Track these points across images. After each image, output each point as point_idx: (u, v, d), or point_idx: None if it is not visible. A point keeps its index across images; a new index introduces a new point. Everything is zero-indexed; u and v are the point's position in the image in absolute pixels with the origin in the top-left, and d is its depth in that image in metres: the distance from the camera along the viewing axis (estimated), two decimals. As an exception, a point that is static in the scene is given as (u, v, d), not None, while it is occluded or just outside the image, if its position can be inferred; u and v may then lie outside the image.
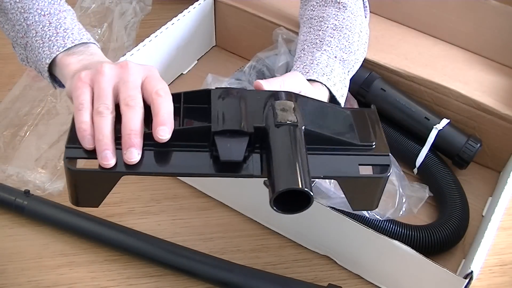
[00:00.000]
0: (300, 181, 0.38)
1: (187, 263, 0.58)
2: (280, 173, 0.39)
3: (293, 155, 0.40)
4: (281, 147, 0.40)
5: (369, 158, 0.44)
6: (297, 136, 0.41)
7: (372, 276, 0.60)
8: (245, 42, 0.83)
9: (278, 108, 0.43)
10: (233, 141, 0.41)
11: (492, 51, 0.74)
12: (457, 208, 0.62)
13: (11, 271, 0.60)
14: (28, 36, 0.54)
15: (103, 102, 0.43)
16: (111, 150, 0.41)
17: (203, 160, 0.42)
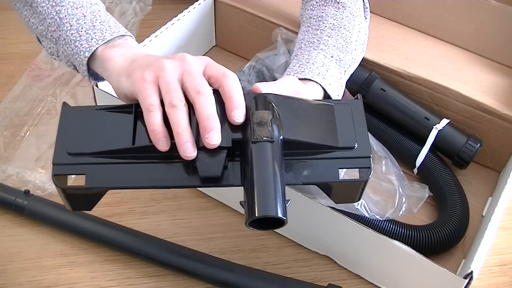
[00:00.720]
0: (274, 209, 0.39)
1: (187, 263, 0.58)
2: (256, 199, 0.39)
3: (269, 179, 0.40)
4: (257, 168, 0.41)
5: (349, 161, 0.44)
6: (273, 154, 0.41)
7: (372, 276, 0.60)
8: (245, 42, 0.83)
9: (255, 121, 0.42)
10: (212, 156, 0.41)
11: (492, 51, 0.74)
12: (457, 208, 0.62)
13: (11, 271, 0.60)
14: (62, 29, 0.52)
15: (175, 95, 0.43)
16: (191, 142, 0.41)
17: (183, 172, 0.43)
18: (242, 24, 0.81)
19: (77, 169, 0.43)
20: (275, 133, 0.42)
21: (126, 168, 0.43)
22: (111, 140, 0.44)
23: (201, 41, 0.84)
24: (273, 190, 0.40)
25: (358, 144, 0.44)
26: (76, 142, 0.44)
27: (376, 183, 0.62)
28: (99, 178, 0.42)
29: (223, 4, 0.81)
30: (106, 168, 0.43)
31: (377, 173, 0.63)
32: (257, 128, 0.42)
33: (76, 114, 0.46)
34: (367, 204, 0.58)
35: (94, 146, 0.43)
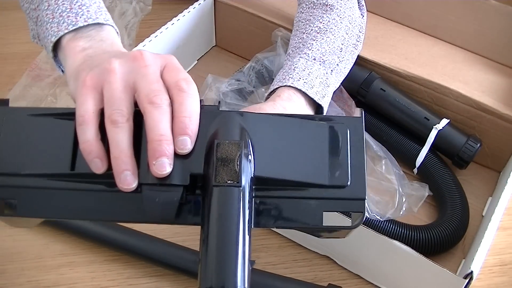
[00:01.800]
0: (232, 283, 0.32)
1: (187, 263, 0.58)
2: (212, 265, 0.33)
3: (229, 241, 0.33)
4: (216, 224, 0.34)
5: (338, 203, 0.36)
6: (238, 204, 0.34)
7: (372, 276, 0.60)
8: (245, 42, 0.83)
9: (219, 157, 0.35)
10: (164, 195, 0.34)
11: (492, 51, 0.74)
12: (457, 208, 0.62)
13: (11, 271, 0.60)
14: (40, 8, 0.46)
15: (116, 108, 0.35)
16: (131, 171, 0.34)
17: (134, 204, 0.36)
18: (242, 24, 0.81)
19: (6, 192, 0.36)
20: (244, 174, 0.34)
21: (65, 196, 0.36)
22: (49, 158, 0.36)
23: (201, 41, 0.84)
24: (234, 253, 0.33)
25: (352, 181, 0.36)
26: (6, 158, 0.37)
27: (376, 183, 0.62)
28: (33, 207, 0.36)
29: (223, 4, 0.81)
30: (41, 194, 0.36)
31: (377, 173, 0.63)
32: (220, 168, 0.34)
33: (9, 119, 0.38)
34: (367, 204, 0.58)
35: (27, 165, 0.36)
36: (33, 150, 0.37)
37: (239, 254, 0.33)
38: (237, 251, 0.33)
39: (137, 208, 0.36)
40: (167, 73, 0.37)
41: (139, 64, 0.37)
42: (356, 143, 0.37)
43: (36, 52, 0.82)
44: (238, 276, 0.33)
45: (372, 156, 0.66)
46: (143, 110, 0.35)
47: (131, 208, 0.36)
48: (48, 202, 0.36)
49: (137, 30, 0.82)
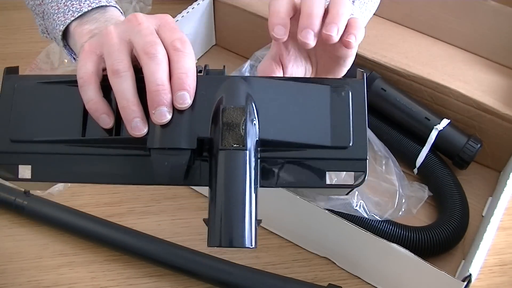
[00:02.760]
0: (241, 239, 0.34)
1: (187, 263, 0.58)
2: (221, 224, 0.34)
3: (237, 200, 0.35)
4: (224, 185, 0.35)
5: (340, 163, 0.37)
6: (244, 166, 0.35)
7: (372, 278, 0.60)
8: (245, 41, 0.83)
9: (225, 122, 0.36)
10: (172, 160, 0.36)
11: (491, 52, 0.74)
12: (457, 209, 0.62)
13: (11, 271, 0.60)
14: (45, 2, 0.48)
15: (116, 58, 0.36)
16: (140, 117, 0.35)
17: (144, 167, 0.37)
18: (242, 24, 0.81)
19: (22, 159, 0.37)
20: (249, 138, 0.36)
21: (77, 160, 0.38)
22: (60, 125, 0.38)
23: (201, 40, 0.84)
24: (242, 213, 0.34)
25: (354, 142, 0.37)
26: (20, 125, 0.38)
27: (376, 183, 0.62)
28: (47, 171, 0.37)
29: (222, 4, 0.81)
30: (54, 159, 0.38)
31: (377, 173, 0.63)
32: (226, 132, 0.36)
33: (20, 87, 0.39)
34: (366, 204, 0.58)
35: (40, 132, 0.38)
36: (44, 117, 0.38)
37: (246, 213, 0.34)
38: (244, 210, 0.34)
39: (147, 171, 0.37)
40: (162, 32, 0.38)
41: (133, 23, 0.38)
42: (358, 105, 0.38)
43: (36, 52, 0.82)
44: (245, 234, 0.34)
45: (373, 156, 0.66)
46: (141, 63, 0.36)
47: (141, 171, 0.37)
48: (61, 167, 0.38)
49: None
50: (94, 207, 0.65)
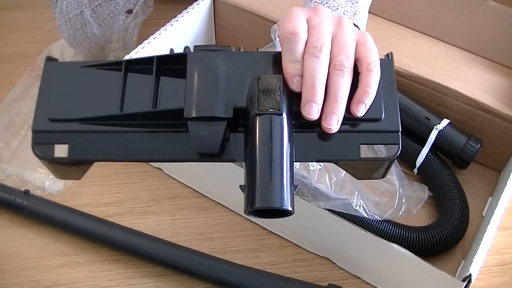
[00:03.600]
0: (279, 200, 0.34)
1: (187, 263, 0.58)
2: (258, 186, 0.35)
3: (274, 162, 0.35)
4: (260, 148, 0.35)
5: (374, 136, 0.38)
6: (281, 130, 0.36)
7: (372, 278, 0.60)
8: (245, 40, 0.83)
9: (260, 89, 0.37)
10: (209, 129, 0.36)
11: (491, 52, 0.74)
12: (457, 209, 0.62)
13: (11, 271, 0.60)
14: None
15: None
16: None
17: (180, 143, 0.38)
18: (242, 23, 0.81)
19: (59, 137, 0.38)
20: (284, 103, 0.37)
21: (114, 138, 0.38)
22: (98, 104, 0.39)
23: (201, 40, 0.84)
24: (279, 175, 0.35)
25: (386, 115, 0.38)
26: (58, 106, 0.39)
27: (376, 183, 0.62)
28: (84, 149, 0.38)
29: (222, 4, 0.81)
30: (91, 137, 0.38)
31: (377, 173, 0.63)
32: (262, 98, 0.37)
33: (60, 71, 0.40)
34: (366, 204, 0.58)
35: (78, 111, 0.38)
36: (83, 98, 0.39)
37: (284, 177, 0.35)
38: (282, 174, 0.35)
39: (183, 147, 0.37)
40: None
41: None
42: (388, 79, 0.39)
43: (36, 52, 0.82)
44: (283, 197, 0.34)
45: (374, 156, 0.65)
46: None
47: (178, 147, 0.38)
48: (97, 145, 0.38)
49: (139, 31, 0.82)
50: (94, 207, 0.65)
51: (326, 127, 0.37)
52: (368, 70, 0.38)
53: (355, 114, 0.38)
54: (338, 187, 0.59)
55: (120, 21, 0.73)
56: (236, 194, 0.40)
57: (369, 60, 0.39)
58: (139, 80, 0.40)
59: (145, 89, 0.39)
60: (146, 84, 0.39)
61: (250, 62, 0.39)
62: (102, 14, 0.71)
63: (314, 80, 0.37)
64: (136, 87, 0.39)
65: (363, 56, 0.39)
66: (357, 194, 0.58)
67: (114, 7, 0.71)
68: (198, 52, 0.39)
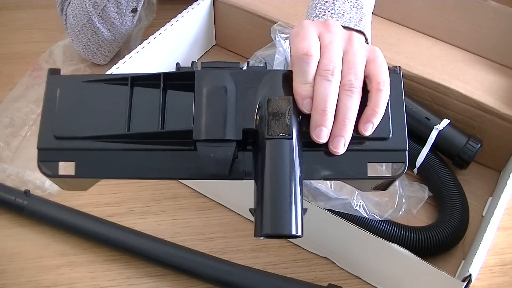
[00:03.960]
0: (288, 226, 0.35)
1: (187, 263, 0.58)
2: (268, 212, 0.35)
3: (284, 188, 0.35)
4: (271, 173, 0.36)
5: (381, 155, 0.38)
6: (290, 154, 0.36)
7: (371, 278, 0.60)
8: (245, 40, 0.83)
9: (270, 112, 0.37)
10: (218, 151, 0.36)
11: (491, 52, 0.74)
12: (457, 209, 0.62)
13: (11, 271, 0.60)
14: None
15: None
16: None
17: (188, 162, 0.38)
18: (242, 23, 0.81)
19: (65, 155, 0.38)
20: (294, 126, 0.37)
21: (121, 156, 0.38)
22: (104, 121, 0.38)
23: (201, 40, 0.84)
24: (288, 202, 0.35)
25: (394, 134, 0.38)
26: (64, 123, 0.38)
27: (376, 183, 0.62)
28: (90, 167, 0.38)
29: (222, 4, 0.81)
30: (98, 155, 0.38)
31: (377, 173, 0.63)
32: (272, 122, 0.37)
33: (64, 85, 0.39)
34: (366, 204, 0.58)
35: (84, 128, 0.38)
36: (88, 114, 0.39)
37: (293, 202, 0.35)
38: (291, 199, 0.35)
39: (191, 166, 0.38)
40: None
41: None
42: (396, 97, 0.39)
43: (36, 52, 0.82)
44: (292, 223, 0.35)
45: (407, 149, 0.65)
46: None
47: (185, 166, 0.38)
48: (105, 163, 0.38)
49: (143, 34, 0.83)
50: (94, 207, 0.65)
51: (333, 150, 0.38)
52: (378, 90, 0.38)
53: (363, 134, 0.38)
54: (338, 187, 0.59)
55: (128, 22, 0.74)
56: (236, 194, 0.40)
57: (379, 78, 0.39)
58: (145, 96, 0.39)
59: (151, 106, 0.39)
60: (153, 100, 0.39)
61: (258, 81, 0.39)
62: (109, 18, 0.72)
63: (325, 104, 0.37)
64: (143, 104, 0.39)
65: (373, 74, 0.39)
66: (357, 194, 0.58)
67: (118, 7, 0.72)
68: (206, 70, 0.39)
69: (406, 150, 0.38)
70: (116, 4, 0.72)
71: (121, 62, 0.66)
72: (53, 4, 0.80)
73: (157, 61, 0.74)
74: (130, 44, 0.82)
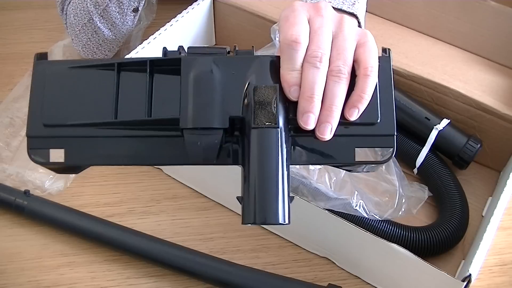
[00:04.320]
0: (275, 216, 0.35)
1: (187, 263, 0.58)
2: (255, 201, 0.35)
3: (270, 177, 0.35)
4: (257, 162, 0.36)
5: (369, 140, 0.38)
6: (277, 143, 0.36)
7: (371, 278, 0.60)
8: (244, 40, 0.83)
9: (257, 101, 0.37)
10: (205, 139, 0.36)
11: (491, 52, 0.74)
12: (457, 209, 0.62)
13: (11, 271, 0.60)
14: None
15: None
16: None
17: (176, 148, 0.38)
18: (242, 23, 0.81)
19: (55, 142, 0.38)
20: (280, 116, 0.37)
21: (110, 142, 0.38)
22: (92, 108, 0.39)
23: (201, 40, 0.84)
24: (275, 191, 0.35)
25: (382, 118, 0.38)
26: (52, 110, 0.38)
27: (376, 183, 0.62)
28: (80, 154, 0.38)
29: (222, 4, 0.81)
30: (87, 142, 0.38)
31: (377, 173, 0.63)
32: (258, 111, 0.37)
33: (51, 71, 0.39)
34: (366, 204, 0.58)
35: (72, 116, 0.38)
36: (76, 101, 0.39)
37: (279, 191, 0.35)
38: (277, 188, 0.35)
39: (179, 152, 0.38)
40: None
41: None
42: (385, 81, 0.39)
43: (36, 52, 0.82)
44: (279, 211, 0.35)
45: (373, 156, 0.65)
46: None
47: (173, 152, 0.38)
48: (94, 150, 0.38)
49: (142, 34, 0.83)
50: (94, 207, 0.65)
51: (320, 136, 0.38)
52: (365, 75, 0.38)
53: (348, 119, 0.38)
54: (338, 187, 0.59)
55: (129, 22, 0.74)
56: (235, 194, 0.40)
57: (367, 64, 0.38)
58: (132, 82, 0.39)
59: (138, 92, 0.39)
60: (140, 86, 0.39)
61: (245, 68, 0.39)
62: (110, 18, 0.72)
63: (312, 91, 0.37)
64: (130, 90, 0.39)
65: (361, 59, 0.39)
66: (357, 194, 0.58)
67: (120, 7, 0.72)
68: (192, 56, 0.39)
69: (394, 135, 0.38)
70: (118, 4, 0.71)
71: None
72: (53, 4, 0.80)
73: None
74: (130, 44, 0.82)
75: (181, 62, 0.38)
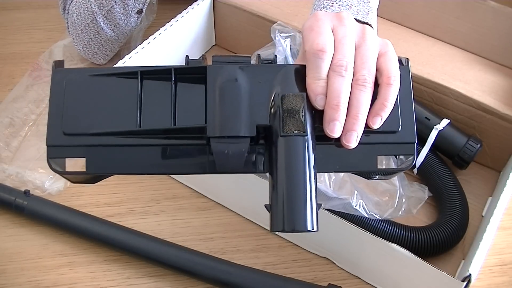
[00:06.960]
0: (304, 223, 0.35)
1: (187, 263, 0.58)
2: (283, 209, 0.35)
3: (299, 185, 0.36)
4: (286, 170, 0.36)
5: (390, 147, 0.39)
6: (305, 151, 0.36)
7: (371, 278, 0.60)
8: (244, 40, 0.83)
9: (284, 109, 0.37)
10: (232, 147, 0.36)
11: (491, 52, 0.74)
12: (457, 209, 0.62)
13: (11, 271, 0.60)
14: None
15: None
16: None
17: (200, 157, 0.38)
18: (242, 23, 0.81)
19: (75, 151, 0.37)
20: (308, 123, 0.37)
21: (132, 151, 0.38)
22: (114, 117, 0.38)
23: (201, 40, 0.84)
24: (304, 198, 0.35)
25: (403, 126, 0.39)
26: (72, 118, 0.38)
27: (376, 183, 0.62)
28: (101, 163, 0.38)
29: (222, 4, 0.81)
30: (108, 151, 0.38)
31: (377, 173, 0.63)
32: (287, 119, 0.37)
33: (70, 79, 0.39)
34: (366, 204, 0.58)
35: (94, 125, 0.38)
36: (97, 109, 0.38)
37: (307, 198, 0.35)
38: (305, 196, 0.35)
39: (204, 161, 0.38)
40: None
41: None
42: (405, 90, 0.40)
43: (36, 52, 0.82)
44: (307, 219, 0.35)
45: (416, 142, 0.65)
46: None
47: (198, 161, 0.38)
48: (116, 159, 0.38)
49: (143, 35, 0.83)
50: (94, 207, 0.65)
51: (346, 144, 0.38)
52: (388, 84, 0.39)
53: (371, 127, 0.39)
54: (337, 186, 0.59)
55: (132, 23, 0.75)
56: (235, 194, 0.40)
57: (389, 73, 0.39)
58: (156, 90, 0.39)
59: (162, 101, 0.39)
60: (164, 95, 0.39)
61: (271, 77, 0.39)
62: (114, 19, 0.72)
63: (338, 100, 0.38)
64: (153, 99, 0.39)
65: (383, 68, 0.40)
66: (356, 193, 0.58)
67: (125, 9, 0.72)
68: (218, 65, 0.39)
69: (415, 143, 0.39)
70: (123, 5, 0.72)
71: (121, 62, 0.67)
72: (53, 4, 0.80)
73: (157, 61, 0.74)
74: (130, 45, 0.82)
75: (207, 70, 0.39)
